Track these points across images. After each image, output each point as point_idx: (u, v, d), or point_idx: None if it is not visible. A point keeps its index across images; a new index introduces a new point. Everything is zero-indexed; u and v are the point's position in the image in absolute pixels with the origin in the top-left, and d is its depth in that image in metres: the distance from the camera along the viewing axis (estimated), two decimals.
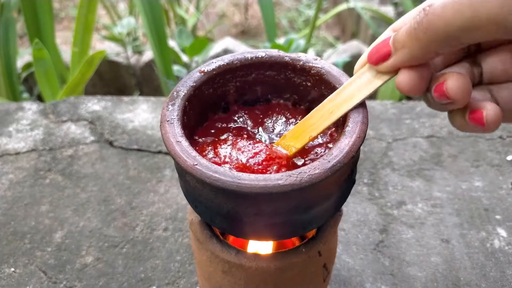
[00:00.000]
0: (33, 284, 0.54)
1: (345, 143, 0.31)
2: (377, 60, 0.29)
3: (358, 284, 0.53)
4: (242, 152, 0.34)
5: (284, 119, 0.39)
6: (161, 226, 0.61)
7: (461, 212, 0.61)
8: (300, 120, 0.35)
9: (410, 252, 0.57)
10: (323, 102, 0.33)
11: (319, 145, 0.36)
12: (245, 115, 0.40)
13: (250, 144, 0.34)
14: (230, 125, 0.39)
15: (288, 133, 0.34)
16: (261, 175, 0.30)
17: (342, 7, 1.32)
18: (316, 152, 0.35)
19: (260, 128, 0.39)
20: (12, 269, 0.56)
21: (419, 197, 0.63)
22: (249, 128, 0.39)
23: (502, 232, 0.58)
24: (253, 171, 0.32)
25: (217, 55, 1.27)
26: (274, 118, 0.40)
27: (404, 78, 0.28)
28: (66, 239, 0.59)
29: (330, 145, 0.36)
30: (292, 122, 0.39)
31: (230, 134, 0.38)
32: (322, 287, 0.45)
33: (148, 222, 0.61)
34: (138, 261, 0.56)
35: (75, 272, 0.55)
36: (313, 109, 0.34)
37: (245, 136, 0.37)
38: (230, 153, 0.34)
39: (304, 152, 0.35)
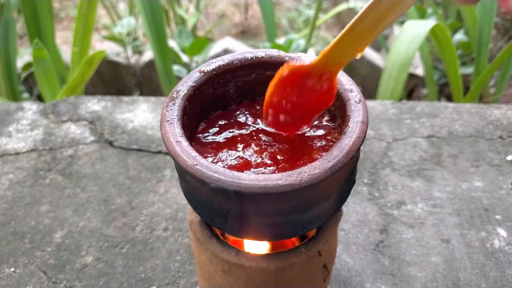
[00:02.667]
0: (33, 284, 0.54)
1: (345, 143, 0.31)
2: None
3: (358, 284, 0.53)
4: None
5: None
6: (161, 226, 0.61)
7: (461, 212, 0.61)
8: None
9: (410, 252, 0.57)
10: (363, 11, 0.28)
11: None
12: (245, 111, 0.40)
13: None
14: (231, 122, 0.39)
15: (330, 48, 0.30)
16: (261, 175, 0.30)
17: (342, 7, 1.32)
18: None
19: (259, 120, 0.39)
20: (12, 269, 0.56)
21: (419, 197, 0.63)
22: (249, 123, 0.39)
23: (502, 232, 0.58)
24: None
25: (217, 55, 1.27)
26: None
27: None
28: (66, 239, 0.59)
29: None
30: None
31: (234, 132, 0.38)
32: (322, 287, 0.45)
33: (148, 222, 0.61)
34: (138, 261, 0.56)
35: (75, 272, 0.55)
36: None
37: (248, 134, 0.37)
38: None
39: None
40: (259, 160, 0.34)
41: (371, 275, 0.54)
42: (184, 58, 1.12)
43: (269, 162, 0.34)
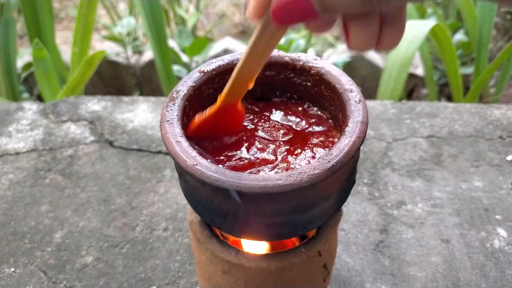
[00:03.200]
0: (33, 284, 0.54)
1: (345, 143, 0.31)
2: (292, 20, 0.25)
3: (358, 284, 0.53)
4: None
5: (282, 113, 0.40)
6: (161, 226, 0.61)
7: (461, 212, 0.61)
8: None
9: (410, 252, 0.57)
10: (244, 58, 0.31)
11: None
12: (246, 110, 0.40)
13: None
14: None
15: (226, 93, 0.34)
16: (261, 175, 0.30)
17: None
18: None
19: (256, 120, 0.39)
20: (12, 269, 0.56)
21: (419, 197, 0.63)
22: (249, 124, 0.39)
23: (502, 232, 0.58)
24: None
25: (217, 55, 1.27)
26: (273, 113, 0.40)
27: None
28: (66, 239, 0.59)
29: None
30: (290, 116, 0.39)
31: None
32: (322, 287, 0.45)
33: (148, 222, 0.61)
34: (138, 261, 0.56)
35: (75, 272, 0.55)
36: (313, 108, 0.34)
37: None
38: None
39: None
40: (260, 158, 0.34)
41: (371, 275, 0.54)
42: (184, 58, 1.13)
43: (271, 159, 0.34)
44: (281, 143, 0.36)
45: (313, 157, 0.34)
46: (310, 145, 0.35)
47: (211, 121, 0.36)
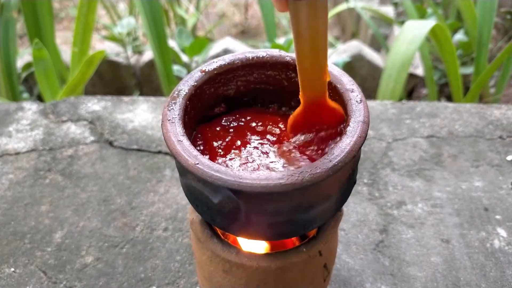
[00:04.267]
0: (33, 284, 0.54)
1: (346, 142, 0.31)
2: None
3: (358, 284, 0.53)
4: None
5: (284, 109, 0.40)
6: (161, 226, 0.61)
7: (461, 212, 0.61)
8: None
9: (410, 252, 0.57)
10: (296, 52, 0.30)
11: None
12: (247, 111, 0.40)
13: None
14: (233, 123, 0.39)
15: (301, 92, 0.33)
16: (262, 174, 0.30)
17: (342, 7, 1.32)
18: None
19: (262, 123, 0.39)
20: (12, 269, 0.56)
21: (419, 197, 0.63)
22: (252, 124, 0.39)
23: (502, 232, 0.59)
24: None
25: (217, 55, 1.27)
26: (274, 113, 0.40)
27: None
28: (66, 239, 0.59)
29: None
30: (289, 111, 0.39)
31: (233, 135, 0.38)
32: (322, 287, 0.44)
33: (148, 222, 0.61)
34: (138, 261, 0.56)
35: (75, 272, 0.55)
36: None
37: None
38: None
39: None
40: (264, 161, 0.34)
41: (371, 275, 0.54)
42: (184, 58, 1.12)
43: (272, 160, 0.34)
44: (282, 143, 0.36)
45: (314, 157, 0.34)
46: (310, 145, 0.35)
47: (301, 121, 0.34)
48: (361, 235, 0.59)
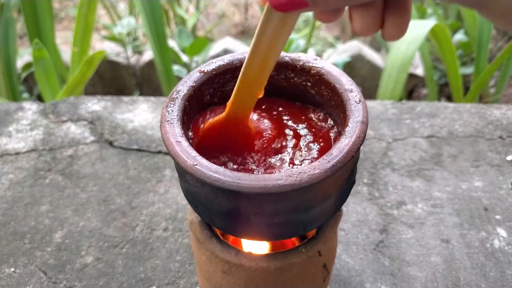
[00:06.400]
0: (33, 284, 0.54)
1: (345, 143, 0.31)
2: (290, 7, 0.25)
3: (358, 284, 0.53)
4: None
5: (282, 112, 0.40)
6: (161, 226, 0.61)
7: (461, 212, 0.61)
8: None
9: (410, 252, 0.57)
10: (246, 60, 0.30)
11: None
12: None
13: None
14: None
15: (232, 99, 0.32)
16: (261, 175, 0.30)
17: None
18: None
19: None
20: (12, 269, 0.56)
21: (419, 197, 0.63)
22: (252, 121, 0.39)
23: (502, 232, 0.58)
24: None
25: (217, 55, 1.27)
26: (273, 112, 0.40)
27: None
28: (66, 239, 0.59)
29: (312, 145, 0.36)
30: (288, 116, 0.39)
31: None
32: (322, 287, 0.45)
33: (148, 222, 0.61)
34: (138, 261, 0.56)
35: (75, 272, 0.55)
36: (313, 108, 0.34)
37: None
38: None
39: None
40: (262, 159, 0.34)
41: (371, 275, 0.54)
42: (184, 58, 1.13)
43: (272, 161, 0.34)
44: (282, 144, 0.36)
45: (314, 158, 0.34)
46: (309, 145, 0.35)
47: (216, 130, 0.34)
48: (361, 235, 0.59)
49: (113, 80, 1.37)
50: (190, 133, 0.36)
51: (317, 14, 0.26)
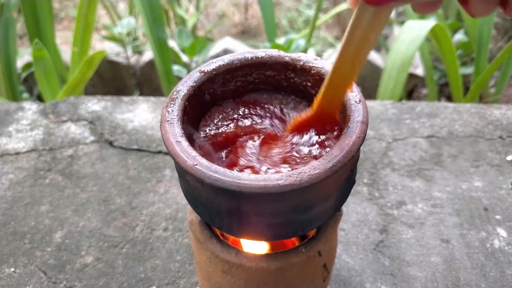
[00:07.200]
0: (33, 284, 0.54)
1: (345, 143, 0.31)
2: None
3: (358, 284, 0.53)
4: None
5: (283, 109, 0.40)
6: (161, 226, 0.61)
7: (461, 212, 0.61)
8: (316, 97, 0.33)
9: (410, 252, 0.57)
10: (338, 55, 0.30)
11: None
12: (246, 110, 0.40)
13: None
14: (232, 121, 0.39)
15: (322, 96, 0.32)
16: (261, 175, 0.30)
17: (342, 7, 1.32)
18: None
19: (263, 118, 0.39)
20: (12, 269, 0.56)
21: (419, 197, 0.63)
22: (253, 121, 0.39)
23: (502, 232, 0.58)
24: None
25: (217, 55, 1.27)
26: (274, 109, 0.40)
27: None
28: (66, 239, 0.59)
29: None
30: (288, 111, 0.39)
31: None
32: (322, 287, 0.45)
33: (148, 222, 0.61)
34: (138, 261, 0.56)
35: (75, 272, 0.55)
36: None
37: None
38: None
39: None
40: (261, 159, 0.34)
41: (371, 275, 0.54)
42: (184, 58, 1.12)
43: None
44: (282, 144, 0.36)
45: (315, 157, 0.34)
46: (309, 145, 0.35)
47: (306, 126, 0.34)
48: (361, 235, 0.59)
49: (113, 80, 1.37)
50: (201, 133, 0.36)
51: (414, 7, 0.26)
